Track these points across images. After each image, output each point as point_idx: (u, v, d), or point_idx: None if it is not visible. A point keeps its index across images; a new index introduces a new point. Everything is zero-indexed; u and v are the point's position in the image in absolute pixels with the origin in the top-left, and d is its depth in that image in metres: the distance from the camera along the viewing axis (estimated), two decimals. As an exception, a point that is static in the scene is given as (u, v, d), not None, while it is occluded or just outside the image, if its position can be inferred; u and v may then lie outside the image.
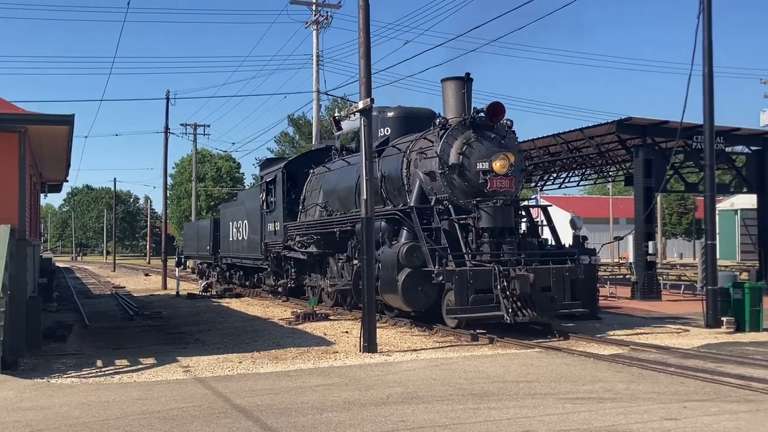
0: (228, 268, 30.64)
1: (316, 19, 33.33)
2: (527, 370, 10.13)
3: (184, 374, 10.25)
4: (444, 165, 15.20)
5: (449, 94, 16.06)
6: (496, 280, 13.53)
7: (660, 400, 8.06)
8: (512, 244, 14.77)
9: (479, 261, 14.25)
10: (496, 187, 14.93)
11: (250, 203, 26.20)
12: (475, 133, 15.36)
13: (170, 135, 37.49)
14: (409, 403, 8.07)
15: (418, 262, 14.11)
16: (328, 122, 28.57)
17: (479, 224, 14.70)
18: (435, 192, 15.53)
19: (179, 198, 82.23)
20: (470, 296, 13.53)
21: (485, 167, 14.92)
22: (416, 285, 14.18)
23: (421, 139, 16.23)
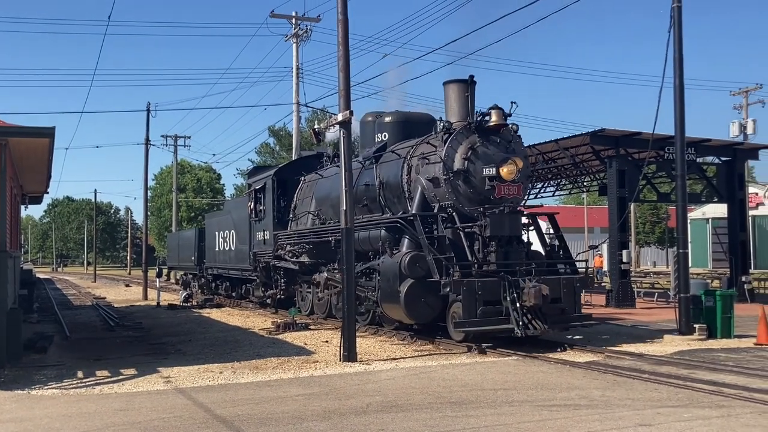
0: (214, 279, 29.90)
1: (296, 32, 33.59)
2: (505, 377, 10.27)
3: (165, 385, 10.28)
4: (448, 171, 14.60)
5: (452, 98, 15.50)
6: (506, 292, 13.08)
7: (634, 406, 8.21)
8: (520, 254, 14.30)
9: (486, 271, 13.67)
10: (504, 194, 14.42)
11: (237, 212, 25.53)
12: (481, 137, 14.79)
13: (151, 146, 37.50)
14: (388, 411, 8.17)
15: (422, 272, 13.68)
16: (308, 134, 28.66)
17: (486, 232, 14.10)
18: (438, 199, 14.92)
19: (159, 209, 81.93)
20: (479, 308, 13.01)
21: (492, 173, 14.36)
22: (419, 296, 13.76)
23: (422, 144, 15.68)
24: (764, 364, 11.25)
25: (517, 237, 14.43)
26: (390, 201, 16.46)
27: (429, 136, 15.78)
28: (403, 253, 14.20)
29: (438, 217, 14.46)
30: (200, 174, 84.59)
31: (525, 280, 13.26)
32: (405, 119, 17.71)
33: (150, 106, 37.87)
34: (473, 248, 14.08)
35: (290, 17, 33.78)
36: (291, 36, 33.91)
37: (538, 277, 13.50)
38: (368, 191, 17.08)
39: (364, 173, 17.35)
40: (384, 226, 15.51)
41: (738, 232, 24.83)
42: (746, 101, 43.76)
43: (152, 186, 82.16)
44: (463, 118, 15.11)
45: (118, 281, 56.09)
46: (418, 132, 16.68)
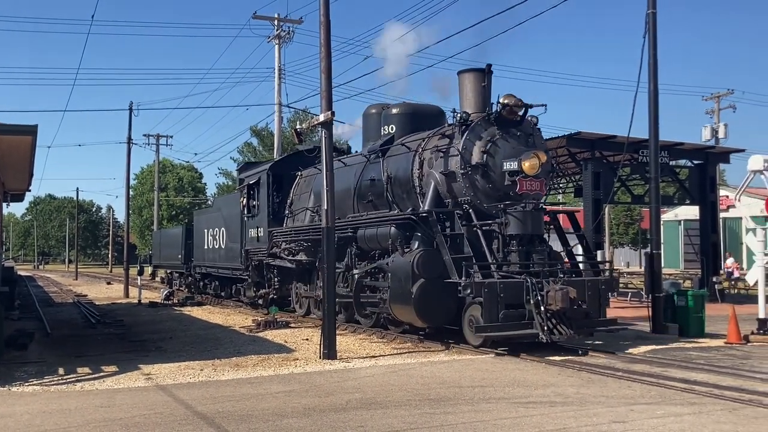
0: (202, 278, 28.97)
1: (278, 33, 33.73)
2: (482, 375, 10.41)
3: (146, 382, 10.34)
4: (466, 164, 13.80)
5: (467, 88, 14.59)
6: (528, 294, 12.31)
7: (608, 403, 8.36)
8: (542, 254, 13.54)
9: (507, 272, 12.95)
10: (526, 190, 13.63)
11: (228, 209, 24.69)
12: (500, 129, 14.01)
13: (133, 145, 37.44)
14: (367, 408, 8.27)
15: (435, 272, 13.00)
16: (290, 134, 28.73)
17: (507, 231, 13.33)
18: (454, 194, 14.15)
19: (141, 208, 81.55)
20: (500, 312, 12.25)
21: (513, 167, 13.56)
22: (432, 298, 13.05)
23: (436, 136, 14.86)
24: (734, 363, 11.47)
25: (539, 236, 13.71)
26: (398, 197, 15.69)
27: (443, 127, 15.03)
28: (415, 251, 13.49)
29: (454, 213, 13.70)
30: (182, 173, 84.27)
31: (549, 281, 12.55)
32: (413, 111, 16.92)
33: (132, 106, 37.93)
34: (491, 247, 13.35)
35: (272, 19, 33.96)
36: (273, 37, 34.06)
37: (563, 279, 12.85)
38: (374, 187, 16.37)
39: (369, 168, 16.67)
40: (394, 223, 14.71)
41: (709, 234, 25.28)
42: (718, 106, 44.33)
43: (134, 185, 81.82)
44: (479, 109, 14.39)
45: (100, 279, 55.78)
46: (427, 125, 16.09)
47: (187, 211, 76.70)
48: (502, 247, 13.43)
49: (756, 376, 9.98)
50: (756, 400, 8.37)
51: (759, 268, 14.48)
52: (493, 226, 13.53)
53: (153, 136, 57.50)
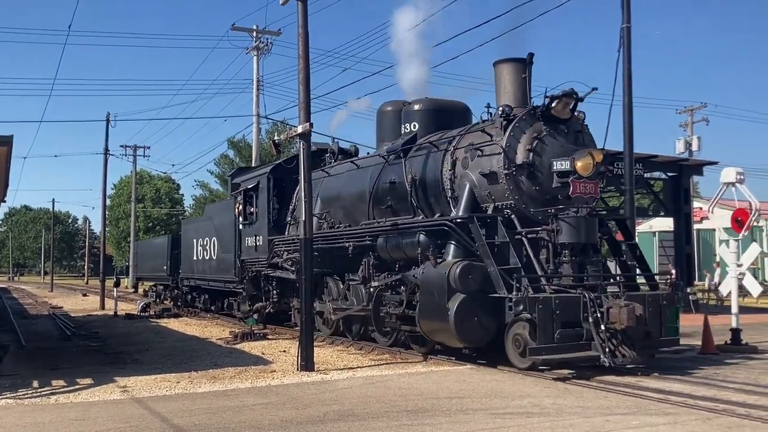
0: (190, 290, 27.27)
1: (257, 45, 33.84)
2: (459, 386, 10.42)
3: (122, 394, 10.26)
4: (511, 164, 12.47)
5: (506, 80, 13.33)
6: (586, 311, 11.04)
7: (584, 414, 8.40)
8: (597, 265, 12.32)
9: (559, 286, 11.70)
10: (580, 192, 12.28)
11: (220, 217, 23.05)
12: (547, 125, 12.73)
13: (110, 156, 37.39)
14: (345, 420, 8.25)
15: (475, 285, 11.64)
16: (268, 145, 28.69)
17: (558, 239, 12.01)
18: (493, 198, 12.77)
19: (118, 219, 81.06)
20: (556, 331, 10.94)
21: (565, 167, 12.25)
22: (472, 315, 11.64)
23: (472, 133, 13.49)
24: (708, 373, 11.56)
25: (593, 245, 12.44)
26: (425, 201, 14.27)
27: (480, 123, 13.54)
28: (451, 262, 12.10)
29: (497, 219, 12.35)
30: (159, 184, 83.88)
31: (608, 296, 11.30)
32: (438, 107, 15.46)
33: (109, 116, 37.83)
34: (538, 257, 12.13)
35: (251, 30, 34.08)
36: (252, 49, 34.20)
37: (624, 294, 11.52)
38: (394, 190, 14.94)
39: (388, 169, 15.29)
40: (423, 230, 13.33)
41: (684, 245, 25.59)
42: (691, 119, 44.94)
43: (111, 195, 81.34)
44: (519, 103, 13.08)
45: (76, 291, 55.38)
46: (453, 122, 14.83)
47: (164, 222, 76.41)
48: (552, 257, 12.15)
49: (729, 386, 10.07)
50: (729, 410, 8.44)
51: (732, 279, 14.65)
52: (541, 233, 12.19)
53: (130, 147, 57.65)
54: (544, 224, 12.21)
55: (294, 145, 16.06)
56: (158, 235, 59.14)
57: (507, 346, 11.58)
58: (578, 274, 12.01)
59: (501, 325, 11.70)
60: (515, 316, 11.13)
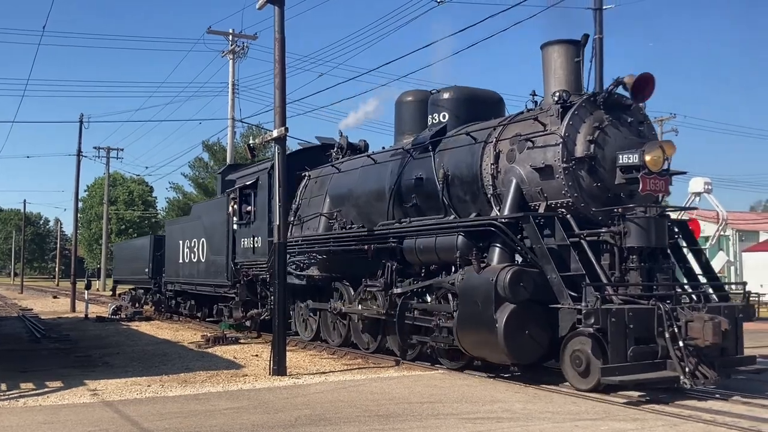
0: (175, 295, 25.63)
1: (233, 48, 33.82)
2: (431, 391, 10.46)
3: (92, 398, 10.19)
4: (570, 157, 11.11)
5: (556, 63, 11.93)
6: (661, 325, 9.79)
7: (554, 419, 8.47)
8: (668, 272, 10.98)
9: (627, 296, 10.38)
10: (650, 190, 10.89)
11: (210, 217, 21.47)
12: (608, 114, 11.38)
13: (83, 158, 37.07)
14: (317, 425, 8.26)
15: (526, 294, 10.37)
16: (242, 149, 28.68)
17: (626, 242, 10.64)
18: (546, 195, 11.42)
19: (90, 221, 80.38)
20: (629, 348, 9.68)
21: (634, 161, 10.88)
22: (522, 327, 10.39)
23: (517, 123, 12.17)
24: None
25: (662, 249, 11.07)
26: (459, 199, 12.91)
27: (527, 112, 12.30)
28: (498, 267, 10.73)
29: (555, 219, 11.02)
30: (132, 186, 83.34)
31: (683, 308, 10.10)
32: (470, 96, 14.05)
33: (83, 118, 37.56)
34: (600, 263, 10.80)
35: (227, 34, 34.06)
36: (228, 52, 34.17)
37: (705, 306, 10.34)
38: (421, 187, 13.58)
39: (413, 164, 13.91)
40: (463, 230, 11.94)
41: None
42: (661, 129, 45.40)
43: (83, 197, 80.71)
44: (572, 90, 11.72)
45: (46, 293, 54.81)
46: (486, 113, 13.54)
47: (136, 225, 75.83)
48: (618, 262, 10.82)
49: (692, 394, 10.13)
50: (695, 416, 8.56)
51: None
52: (605, 236, 10.89)
53: (103, 148, 57.42)
54: (604, 225, 10.98)
55: (269, 149, 15.89)
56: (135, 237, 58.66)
57: (563, 364, 10.29)
58: (649, 283, 10.69)
59: (553, 339, 10.53)
60: (585, 329, 9.78)
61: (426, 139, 13.72)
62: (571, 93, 11.48)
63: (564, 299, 10.13)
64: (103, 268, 64.71)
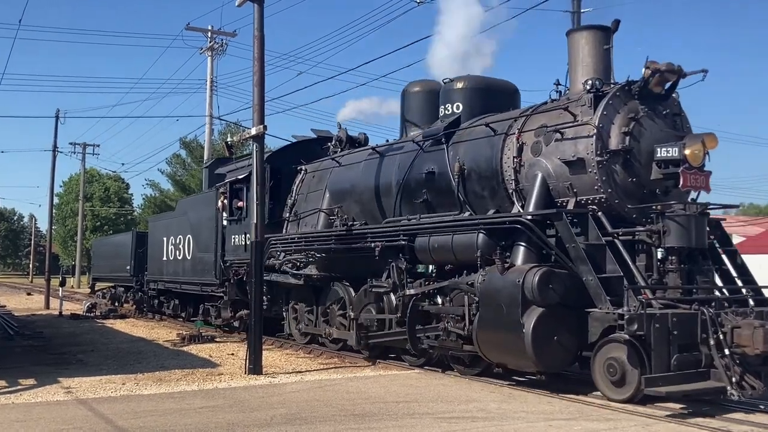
0: (158, 294, 24.61)
1: (211, 45, 33.65)
2: (407, 390, 10.50)
3: (66, 395, 10.13)
4: (604, 149, 10.38)
5: (584, 51, 11.20)
6: (705, 331, 9.10)
7: (528, 419, 8.53)
8: (707, 274, 10.37)
9: (666, 299, 9.67)
10: (691, 186, 10.28)
11: (197, 213, 20.55)
12: (644, 105, 10.65)
13: (59, 154, 36.86)
14: (292, 424, 8.26)
15: (556, 297, 9.76)
16: (220, 146, 28.56)
17: (666, 242, 9.92)
18: (575, 191, 10.68)
19: (65, 217, 79.62)
20: (673, 356, 9.03)
21: (673, 155, 10.18)
22: (552, 333, 9.75)
23: (542, 113, 11.44)
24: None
25: (701, 250, 10.34)
26: (476, 194, 12.19)
27: (552, 102, 11.57)
28: (525, 268, 10.05)
29: (588, 216, 10.28)
30: (108, 183, 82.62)
31: (727, 313, 9.31)
32: (485, 86, 13.33)
33: (59, 113, 37.34)
34: (636, 264, 10.11)
35: (206, 31, 33.90)
36: (206, 49, 34.02)
37: (753, 311, 9.54)
38: (433, 182, 12.87)
39: (424, 157, 13.16)
40: (485, 228, 11.15)
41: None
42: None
43: (59, 193, 79.98)
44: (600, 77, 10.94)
45: (20, 289, 54.24)
46: (501, 104, 12.88)
47: (112, 222, 75.21)
48: (655, 264, 10.16)
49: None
50: (667, 418, 8.64)
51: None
52: (641, 235, 10.20)
53: (79, 144, 56.81)
54: (638, 224, 10.37)
55: (247, 147, 15.70)
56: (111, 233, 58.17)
57: (595, 373, 9.55)
58: (696, 286, 10.07)
59: (581, 346, 9.95)
60: (620, 335, 9.14)
61: (439, 131, 12.94)
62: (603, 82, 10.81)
63: (602, 303, 9.44)
64: (77, 265, 64.19)
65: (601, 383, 9.49)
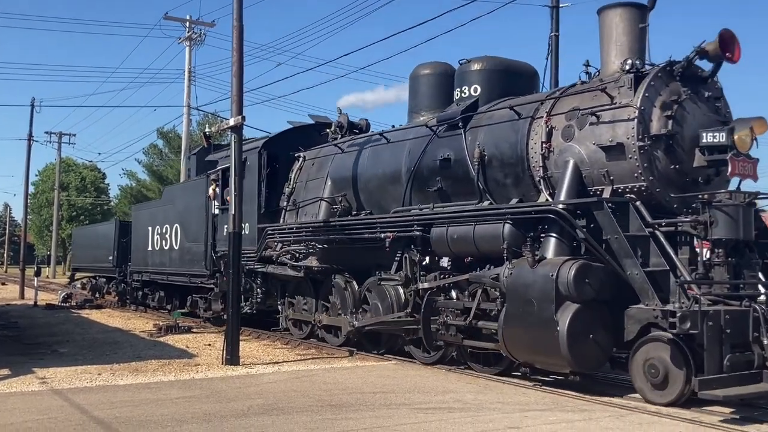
0: (143, 285, 23.71)
1: (190, 35, 33.48)
2: (384, 381, 10.54)
3: (41, 386, 10.06)
4: (645, 133, 9.69)
5: (618, 30, 10.40)
6: (757, 329, 8.59)
7: (504, 409, 8.59)
8: (755, 268, 9.59)
9: (715, 295, 9.00)
10: (739, 173, 9.64)
11: (186, 201, 19.78)
12: (686, 87, 9.98)
13: (34, 143, 36.61)
14: (269, 414, 8.26)
15: (592, 292, 9.13)
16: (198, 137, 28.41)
17: (713, 234, 9.18)
18: (612, 178, 9.96)
19: (41, 207, 78.93)
20: (725, 357, 8.48)
21: (720, 141, 9.52)
22: (587, 331, 9.11)
23: (572, 96, 10.77)
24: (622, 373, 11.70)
25: (747, 242, 9.57)
26: (497, 183, 11.47)
27: (582, 84, 10.89)
28: (558, 261, 9.39)
29: (630, 206, 9.55)
30: (84, 173, 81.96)
31: None
32: (504, 67, 12.62)
33: (34, 101, 37.19)
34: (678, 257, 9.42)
35: (184, 20, 33.79)
36: (184, 39, 33.85)
37: None
38: (449, 169, 12.16)
39: (438, 143, 12.42)
40: (512, 218, 10.50)
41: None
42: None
43: (34, 182, 79.23)
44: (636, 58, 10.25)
45: (-7, 279, 53.74)
46: (521, 88, 12.30)
47: (88, 212, 74.67)
48: (700, 257, 9.55)
49: None
50: (641, 407, 8.74)
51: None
52: (684, 226, 9.43)
53: (55, 133, 56.47)
54: (678, 214, 9.72)
55: (225, 137, 15.56)
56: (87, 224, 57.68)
57: (633, 374, 9.02)
58: (737, 281, 9.36)
59: (614, 344, 9.46)
60: (662, 333, 8.66)
61: (456, 115, 12.15)
62: None
63: (650, 299, 8.84)
64: (53, 254, 63.71)
65: (641, 385, 8.95)
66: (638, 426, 7.81)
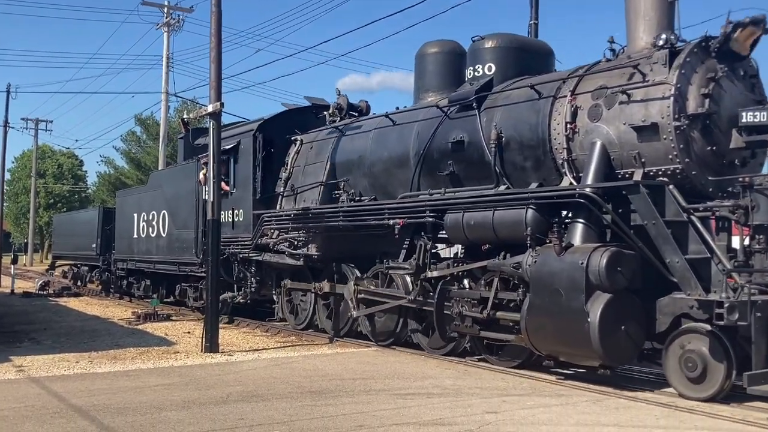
0: (128, 274, 22.80)
1: (168, 21, 33.23)
2: (363, 367, 10.57)
3: (17, 374, 10.01)
4: (682, 113, 9.08)
5: (647, 5, 9.84)
6: None
7: (482, 395, 8.64)
8: None
9: (756, 284, 8.31)
10: None
11: (175, 187, 18.83)
12: (722, 64, 9.36)
13: (10, 129, 36.32)
14: (248, 401, 8.27)
15: (624, 281, 8.65)
16: (176, 123, 28.29)
17: (754, 219, 8.51)
18: (643, 161, 9.37)
19: (17, 194, 78.19)
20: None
21: (762, 120, 8.88)
22: (619, 322, 8.62)
23: (598, 74, 10.09)
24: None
25: None
26: (515, 166, 10.84)
27: (608, 61, 10.18)
28: (588, 248, 8.85)
29: (666, 189, 8.96)
30: (62, 160, 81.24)
31: None
32: (519, 45, 12.01)
33: (10, 87, 36.96)
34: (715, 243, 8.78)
35: (162, 6, 33.53)
36: (162, 25, 33.58)
37: None
38: (462, 152, 11.54)
39: (449, 125, 11.80)
40: (535, 203, 9.84)
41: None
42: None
43: (11, 169, 78.43)
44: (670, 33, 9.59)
45: (-31, 268, 53.24)
46: (536, 66, 11.64)
47: (66, 199, 74.08)
48: (741, 244, 8.79)
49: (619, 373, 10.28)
50: (617, 393, 8.82)
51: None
52: (722, 211, 8.81)
53: (32, 120, 56.04)
54: (714, 198, 9.17)
55: (204, 123, 15.49)
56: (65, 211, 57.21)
57: (668, 368, 8.55)
58: None
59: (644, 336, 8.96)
60: (700, 325, 8.25)
61: (470, 94, 11.51)
62: None
63: (692, 289, 8.37)
64: (30, 242, 63.16)
65: (675, 380, 8.48)
66: (614, 410, 7.89)
